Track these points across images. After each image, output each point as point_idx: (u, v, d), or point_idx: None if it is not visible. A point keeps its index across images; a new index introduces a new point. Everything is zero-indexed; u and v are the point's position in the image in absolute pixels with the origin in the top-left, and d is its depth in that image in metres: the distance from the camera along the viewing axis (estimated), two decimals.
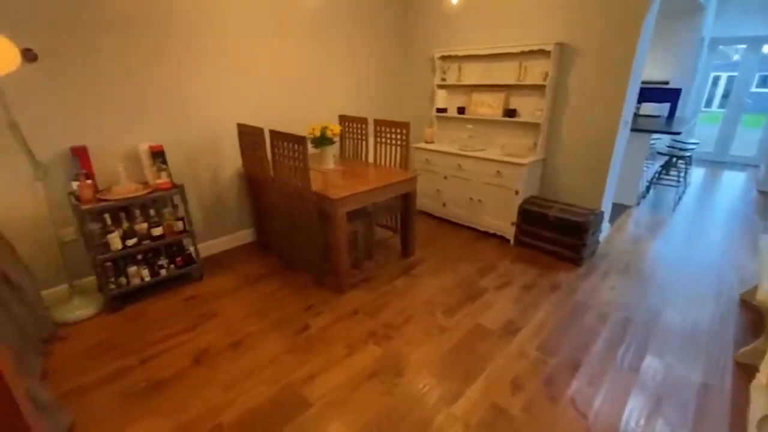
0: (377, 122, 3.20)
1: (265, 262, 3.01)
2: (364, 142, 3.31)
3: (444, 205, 3.76)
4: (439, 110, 3.92)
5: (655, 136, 4.60)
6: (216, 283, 2.71)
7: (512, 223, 3.26)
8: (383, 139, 3.19)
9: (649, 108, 5.46)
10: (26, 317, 2.01)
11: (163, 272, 2.58)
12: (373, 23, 3.80)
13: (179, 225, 2.60)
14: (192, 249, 2.71)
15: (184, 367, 1.95)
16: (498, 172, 3.22)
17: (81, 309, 2.36)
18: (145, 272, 2.50)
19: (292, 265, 2.94)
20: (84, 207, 2.18)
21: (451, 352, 2.05)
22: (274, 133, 2.44)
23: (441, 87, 3.91)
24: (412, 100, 4.36)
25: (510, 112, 3.39)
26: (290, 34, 3.19)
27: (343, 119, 3.42)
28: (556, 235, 3.01)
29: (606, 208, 3.29)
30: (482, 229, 3.52)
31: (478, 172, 3.36)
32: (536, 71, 3.15)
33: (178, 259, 2.65)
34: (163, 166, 2.51)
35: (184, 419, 1.65)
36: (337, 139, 2.93)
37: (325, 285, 2.67)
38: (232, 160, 3.10)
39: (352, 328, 2.23)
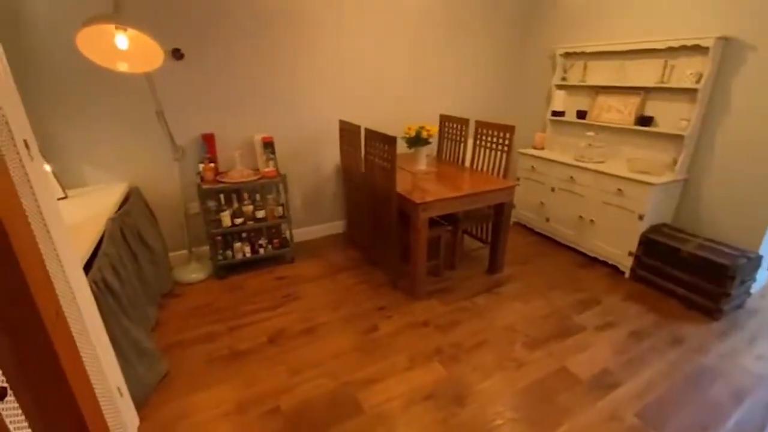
0: (479, 124, 2.99)
1: (350, 255, 3.10)
2: (463, 145, 3.13)
3: (547, 220, 3.36)
4: (555, 113, 3.49)
5: None
6: (304, 268, 2.89)
7: (630, 253, 2.74)
8: (484, 143, 2.97)
9: None
10: (153, 275, 2.42)
11: (261, 251, 2.85)
12: (487, 17, 3.55)
13: (279, 210, 2.83)
14: (288, 233, 2.93)
15: (261, 343, 2.11)
16: (619, 190, 2.72)
17: (195, 273, 2.75)
18: (247, 249, 2.80)
19: (374, 261, 2.96)
20: (204, 186, 2.52)
21: (525, 392, 1.80)
22: (368, 132, 2.46)
23: (560, 87, 3.47)
24: (524, 101, 3.98)
25: (644, 120, 2.83)
26: (399, 33, 3.18)
27: (443, 119, 3.30)
28: (688, 276, 2.42)
29: (766, 251, 2.52)
30: (590, 254, 3.04)
31: (594, 187, 2.90)
32: (686, 71, 2.55)
33: (276, 241, 2.90)
34: (271, 156, 2.75)
35: (249, 394, 1.79)
36: (432, 140, 2.82)
37: (400, 288, 2.62)
38: (333, 155, 3.25)
39: (419, 340, 2.14)
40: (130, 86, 2.36)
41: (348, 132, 2.80)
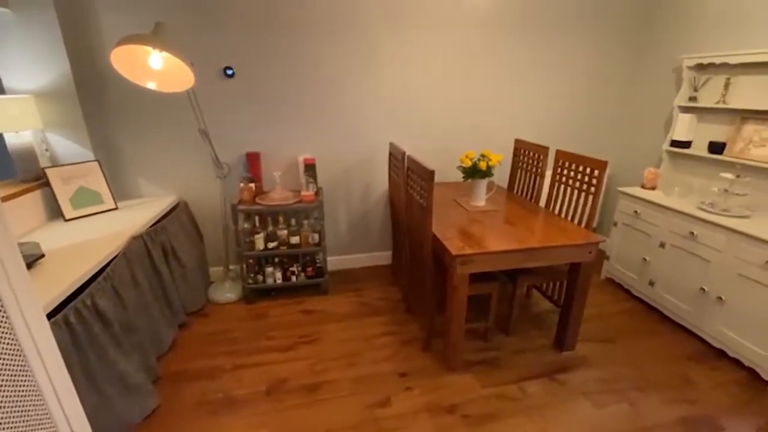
0: (560, 155, 2.37)
1: (388, 293, 2.73)
2: (539, 179, 2.53)
3: (651, 284, 2.53)
4: (677, 143, 2.64)
5: None
6: (335, 303, 2.62)
7: None
8: (565, 179, 2.35)
9: None
10: (182, 292, 2.39)
11: (293, 278, 2.66)
12: (586, 19, 2.87)
13: (315, 237, 2.62)
14: (323, 263, 2.69)
15: (257, 392, 1.88)
16: None
17: (229, 293, 2.68)
18: (279, 275, 2.64)
19: (410, 306, 2.54)
20: (239, 207, 2.42)
21: None
22: (410, 160, 2.08)
23: (686, 110, 2.62)
24: (634, 126, 3.15)
25: None
26: (469, 41, 2.73)
27: (518, 145, 2.74)
28: None
29: None
30: (715, 344, 2.17)
31: (728, 252, 2.05)
32: None
33: (309, 269, 2.69)
34: (311, 179, 2.55)
35: None
36: (494, 172, 2.31)
37: (432, 350, 2.16)
38: (382, 179, 2.94)
39: None
40: (180, 104, 2.38)
41: (394, 158, 2.45)
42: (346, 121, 2.73)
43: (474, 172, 2.29)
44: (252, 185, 2.53)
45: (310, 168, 2.56)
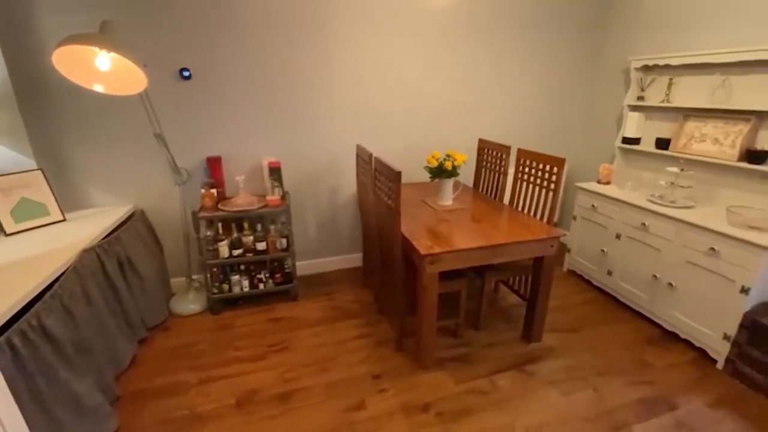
0: (521, 153, 2.45)
1: (360, 295, 2.71)
2: (502, 177, 2.61)
3: (609, 274, 2.67)
4: (627, 140, 2.80)
5: None
6: (305, 309, 2.57)
7: (726, 337, 1.99)
8: (527, 176, 2.43)
9: None
10: (141, 306, 2.26)
11: (261, 286, 2.59)
12: (542, 21, 2.99)
13: (282, 243, 2.56)
14: (292, 268, 2.64)
15: (226, 406, 1.80)
16: (713, 249, 2.00)
17: (192, 304, 2.56)
18: (246, 283, 2.56)
19: (382, 307, 2.54)
20: (200, 214, 2.32)
21: None
22: (377, 161, 2.08)
23: (635, 109, 2.79)
24: (590, 124, 3.31)
25: (755, 156, 2.08)
26: (432, 43, 2.77)
27: (482, 144, 2.80)
28: None
29: None
30: (667, 327, 2.31)
31: (677, 241, 2.20)
32: None
33: (278, 275, 2.62)
34: (276, 183, 2.49)
35: None
36: (459, 171, 2.35)
37: (405, 349, 2.17)
38: (350, 181, 2.92)
39: None
40: (133, 107, 2.25)
41: (361, 159, 2.44)
42: (312, 123, 2.69)
43: (440, 172, 2.32)
44: (214, 191, 2.44)
45: (275, 171, 2.50)
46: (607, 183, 2.85)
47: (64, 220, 2.20)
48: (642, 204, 2.39)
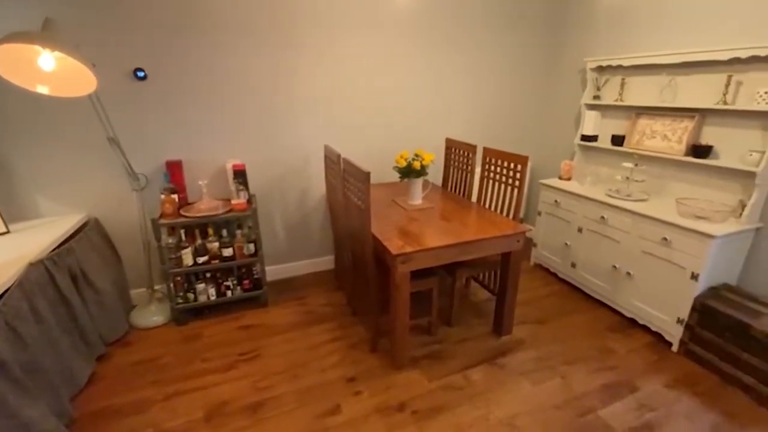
0: (487, 152, 2.51)
1: (333, 299, 2.68)
2: (470, 175, 2.66)
3: (573, 266, 2.78)
4: (586, 138, 2.93)
5: None
6: (277, 315, 2.51)
7: (679, 321, 2.12)
8: (493, 175, 2.48)
9: None
10: (98, 321, 2.12)
11: (228, 293, 2.50)
12: (505, 24, 3.08)
13: (250, 248, 2.48)
14: (261, 274, 2.57)
15: (194, 420, 1.73)
16: (665, 239, 2.13)
17: (155, 315, 2.44)
18: (212, 291, 2.46)
19: (355, 309, 2.52)
20: (161, 221, 2.22)
21: None
22: (345, 162, 2.06)
23: (592, 107, 2.92)
24: (551, 123, 3.44)
25: (700, 150, 2.23)
26: (399, 43, 2.79)
27: (449, 144, 2.84)
28: (762, 363, 1.79)
29: None
30: (627, 314, 2.44)
31: (633, 232, 2.32)
32: (758, 90, 1.95)
33: (246, 281, 2.55)
34: (241, 187, 2.41)
35: None
36: (428, 171, 2.37)
37: (380, 349, 2.16)
38: (319, 183, 2.88)
39: None
40: (83, 110, 2.12)
41: (330, 160, 2.42)
42: (278, 124, 2.63)
43: (409, 172, 2.33)
44: (175, 196, 2.33)
45: (240, 174, 2.42)
46: (569, 179, 2.97)
47: (8, 232, 2.04)
48: (600, 198, 2.50)
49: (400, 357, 2.02)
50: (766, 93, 1.91)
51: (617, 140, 2.71)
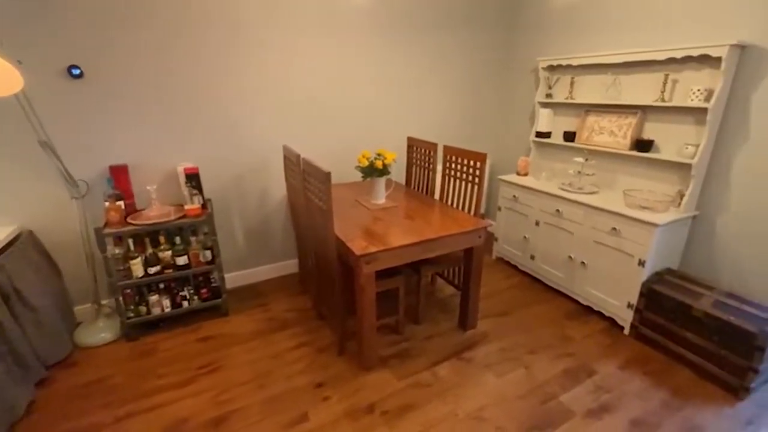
0: (447, 150, 2.54)
1: (298, 303, 2.61)
2: (432, 173, 2.68)
3: (532, 258, 2.88)
4: (540, 134, 3.05)
5: None
6: (238, 323, 2.41)
7: (630, 305, 2.26)
8: (454, 172, 2.52)
9: None
10: (35, 341, 1.94)
11: (185, 304, 2.37)
12: (462, 24, 3.14)
13: (207, 254, 2.37)
14: (220, 282, 2.45)
15: None
16: (614, 229, 2.25)
17: (103, 332, 2.26)
18: (166, 302, 2.32)
19: (321, 312, 2.47)
20: (105, 231, 2.05)
21: None
22: (305, 163, 2.01)
23: (545, 105, 3.04)
24: (508, 120, 3.55)
25: (643, 145, 2.38)
26: (358, 41, 2.76)
27: (411, 143, 2.85)
28: (703, 340, 1.94)
29: None
30: (583, 302, 2.56)
31: (586, 224, 2.43)
32: (691, 87, 2.10)
33: (204, 290, 2.42)
34: (194, 191, 2.29)
35: None
36: (391, 170, 2.37)
37: (348, 352, 2.13)
38: (279, 184, 2.80)
39: None
40: (9, 111, 1.91)
41: (289, 161, 2.35)
42: (232, 124, 2.52)
43: (372, 171, 2.31)
44: (121, 203, 2.18)
45: (192, 178, 2.29)
46: (525, 174, 3.07)
47: None
48: (555, 192, 2.61)
49: (369, 358, 2.00)
50: (698, 90, 2.07)
51: (569, 136, 2.83)
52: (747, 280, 2.11)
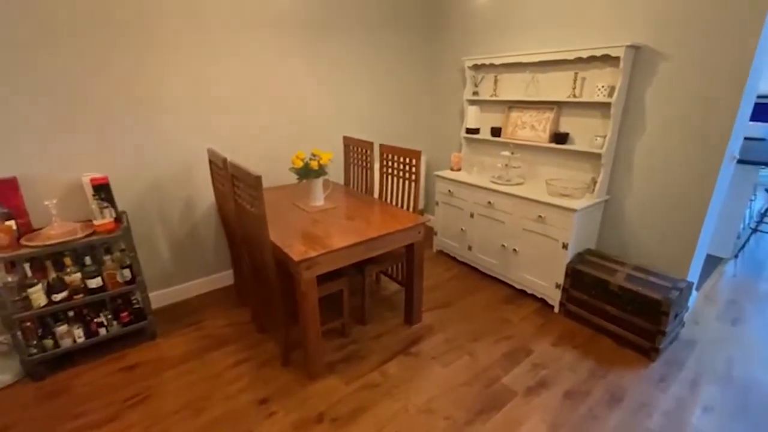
0: (383, 148, 2.54)
1: (236, 317, 2.45)
2: (369, 172, 2.66)
3: (470, 248, 3.00)
4: (469, 131, 3.18)
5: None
6: (169, 346, 2.19)
7: (557, 285, 2.44)
8: (391, 170, 2.53)
9: (753, 129, 4.28)
10: None
11: (102, 331, 2.10)
12: (388, 25, 3.16)
13: (125, 274, 2.12)
14: (143, 303, 2.21)
15: None
16: (540, 216, 2.42)
17: (0, 374, 1.93)
18: (79, 332, 2.04)
19: (262, 324, 2.35)
20: None
21: None
22: (233, 167, 1.87)
23: (473, 103, 3.17)
24: (441, 118, 3.66)
25: (560, 137, 2.58)
26: (286, 42, 2.65)
27: (347, 142, 2.81)
28: (619, 311, 2.16)
29: (695, 274, 2.37)
30: (518, 286, 2.72)
31: (515, 213, 2.58)
32: (598, 84, 2.32)
33: (124, 314, 2.17)
34: (105, 204, 2.03)
35: None
36: (328, 170, 2.31)
37: (293, 362, 2.04)
38: (207, 190, 2.60)
39: None
40: None
41: (215, 165, 2.18)
42: (146, 126, 2.28)
43: (307, 172, 2.23)
44: (11, 223, 1.86)
45: (101, 189, 2.04)
46: (459, 169, 3.19)
47: None
48: (486, 185, 2.74)
49: (315, 366, 1.94)
50: (603, 87, 2.29)
51: (495, 132, 2.99)
52: (650, 255, 2.40)
